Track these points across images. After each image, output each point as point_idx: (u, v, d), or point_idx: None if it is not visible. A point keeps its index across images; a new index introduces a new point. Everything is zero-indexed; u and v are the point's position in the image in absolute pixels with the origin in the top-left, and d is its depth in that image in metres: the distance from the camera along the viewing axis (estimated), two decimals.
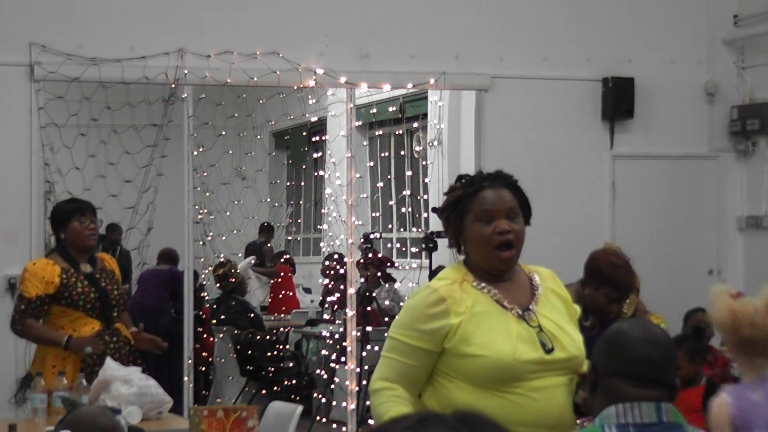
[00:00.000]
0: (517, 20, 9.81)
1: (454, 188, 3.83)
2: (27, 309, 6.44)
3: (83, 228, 6.55)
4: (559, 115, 9.87)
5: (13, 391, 8.04)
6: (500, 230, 3.71)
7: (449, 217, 3.81)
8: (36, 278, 6.45)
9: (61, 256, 6.56)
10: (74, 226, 6.55)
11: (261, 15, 9.22)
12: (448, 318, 3.67)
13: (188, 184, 9.27)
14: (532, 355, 3.64)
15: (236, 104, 11.90)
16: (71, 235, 6.56)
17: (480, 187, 3.76)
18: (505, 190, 3.77)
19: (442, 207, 3.85)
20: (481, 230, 3.73)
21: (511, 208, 3.75)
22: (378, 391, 3.77)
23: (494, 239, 3.71)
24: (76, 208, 6.62)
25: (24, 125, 8.73)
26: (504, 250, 3.72)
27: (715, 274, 10.20)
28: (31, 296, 6.44)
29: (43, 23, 8.77)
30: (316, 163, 13.30)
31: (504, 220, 3.72)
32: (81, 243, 6.58)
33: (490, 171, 3.87)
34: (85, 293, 6.48)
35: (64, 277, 6.47)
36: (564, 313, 3.83)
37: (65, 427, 3.77)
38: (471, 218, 3.75)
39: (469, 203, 3.75)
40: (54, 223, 6.70)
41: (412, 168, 12.95)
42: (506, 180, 3.82)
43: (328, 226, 11.89)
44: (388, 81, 9.57)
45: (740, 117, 10.05)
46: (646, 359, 3.14)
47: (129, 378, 6.12)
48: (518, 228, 3.75)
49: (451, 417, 1.75)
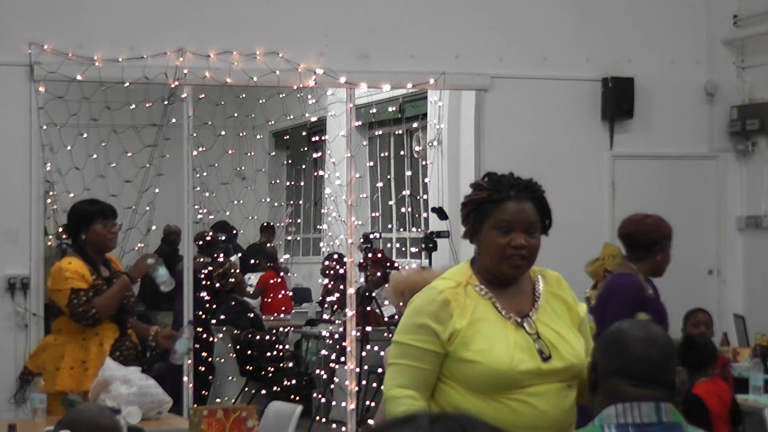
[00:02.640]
0: (517, 20, 9.81)
1: (481, 187, 3.81)
2: (87, 297, 6.33)
3: (107, 231, 6.49)
4: (558, 115, 9.87)
5: (13, 391, 8.04)
6: (516, 245, 3.72)
7: (469, 214, 3.80)
8: (77, 275, 6.39)
9: (81, 257, 6.48)
10: (97, 228, 6.46)
11: (261, 15, 9.22)
12: (452, 320, 3.67)
13: (188, 184, 9.27)
14: (529, 365, 3.64)
15: (236, 104, 11.91)
16: (93, 237, 6.47)
17: (507, 195, 3.75)
18: (529, 204, 3.76)
19: (464, 202, 3.84)
20: (497, 240, 3.73)
21: (531, 223, 3.75)
22: (397, 399, 3.70)
23: (508, 251, 3.72)
24: (100, 210, 6.53)
25: (24, 125, 8.73)
26: (516, 259, 3.73)
27: (715, 274, 10.19)
28: (83, 286, 6.35)
29: (43, 23, 8.77)
30: (315, 163, 13.31)
31: (521, 234, 3.72)
32: (103, 246, 6.52)
33: (521, 177, 3.84)
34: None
35: (94, 278, 6.44)
36: (565, 319, 3.81)
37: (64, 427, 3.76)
38: (490, 224, 3.74)
39: (492, 209, 3.74)
40: (74, 224, 6.58)
41: (412, 168, 12.95)
42: (533, 192, 3.80)
43: (327, 226, 11.89)
44: (387, 81, 9.57)
45: (740, 117, 10.05)
46: (646, 359, 3.14)
47: (129, 378, 6.13)
48: (534, 242, 3.75)
49: (459, 417, 1.76)
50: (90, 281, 6.38)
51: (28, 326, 8.61)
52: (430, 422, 1.72)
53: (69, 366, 6.36)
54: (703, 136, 10.25)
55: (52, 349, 6.49)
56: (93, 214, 6.49)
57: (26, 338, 8.59)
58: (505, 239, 3.72)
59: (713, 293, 10.04)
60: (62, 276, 6.39)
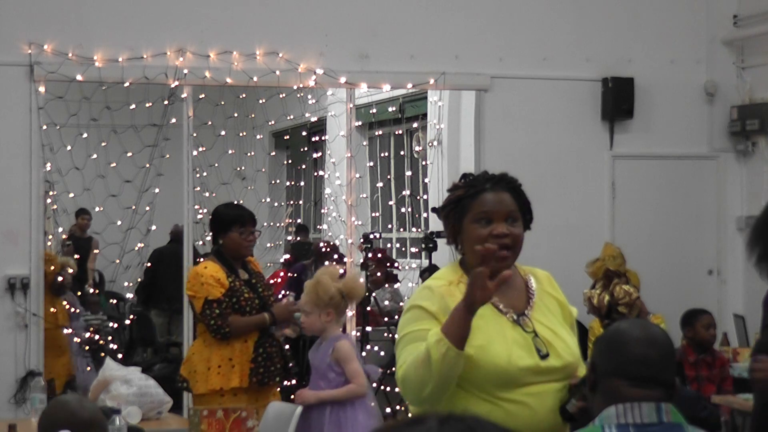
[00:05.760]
0: (517, 20, 9.82)
1: (457, 187, 3.81)
2: (222, 311, 6.41)
3: (242, 239, 6.55)
4: (559, 115, 9.88)
5: (13, 391, 8.04)
6: (497, 233, 3.69)
7: (449, 215, 3.80)
8: (213, 280, 6.43)
9: (220, 261, 6.54)
10: (233, 236, 6.54)
11: (261, 15, 9.22)
12: (448, 313, 3.63)
13: (188, 184, 9.27)
14: (527, 362, 3.63)
15: (236, 104, 11.90)
16: (229, 243, 6.55)
17: (482, 188, 3.75)
18: (507, 194, 3.75)
19: (442, 204, 3.84)
20: (478, 231, 3.71)
21: (510, 211, 3.73)
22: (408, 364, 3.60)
23: (490, 242, 3.69)
24: (238, 217, 6.60)
25: (24, 125, 8.73)
26: (500, 249, 3.70)
27: (715, 274, 10.20)
28: (217, 297, 6.41)
29: (43, 23, 8.77)
30: (316, 163, 13.30)
31: (502, 223, 3.70)
32: (237, 253, 6.58)
33: (495, 173, 3.85)
34: (251, 299, 6.51)
35: (230, 281, 6.47)
36: (559, 317, 3.81)
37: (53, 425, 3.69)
38: (469, 219, 3.73)
39: (469, 204, 3.73)
40: (213, 227, 6.67)
41: (412, 168, 12.94)
42: (509, 183, 3.79)
43: (328, 226, 11.88)
44: (387, 81, 9.58)
45: (740, 117, 10.05)
46: (644, 359, 3.14)
47: (129, 378, 6.13)
48: (516, 232, 3.73)
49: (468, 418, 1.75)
50: (226, 285, 6.44)
51: (28, 326, 8.61)
52: (439, 423, 1.72)
53: (217, 365, 6.43)
54: (703, 136, 10.25)
55: (200, 352, 6.54)
56: (230, 221, 6.57)
57: (26, 338, 8.60)
58: (485, 230, 3.69)
59: (713, 293, 10.04)
60: (198, 281, 6.47)
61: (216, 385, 6.37)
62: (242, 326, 6.46)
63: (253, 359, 6.45)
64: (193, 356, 6.57)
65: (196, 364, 6.49)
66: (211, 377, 6.40)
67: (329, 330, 6.07)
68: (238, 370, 6.39)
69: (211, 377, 6.40)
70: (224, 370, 6.40)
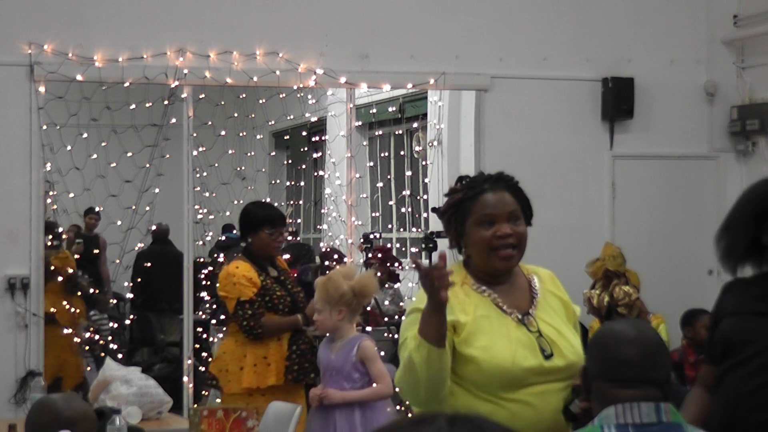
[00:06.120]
0: (517, 20, 9.81)
1: (455, 190, 3.80)
2: (254, 312, 6.46)
3: (271, 240, 6.60)
4: (559, 115, 9.87)
5: (13, 391, 8.04)
6: (501, 234, 3.69)
7: (450, 219, 3.78)
8: (245, 279, 6.47)
9: (250, 260, 6.58)
10: (263, 235, 6.59)
11: (261, 15, 9.22)
12: (453, 315, 3.62)
13: (188, 184, 9.26)
14: (531, 362, 3.62)
15: (236, 104, 11.89)
16: (258, 243, 6.61)
17: (481, 190, 3.74)
18: (507, 193, 3.75)
19: (442, 209, 3.82)
20: (482, 234, 3.70)
21: (512, 211, 3.73)
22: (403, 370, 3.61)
23: (495, 243, 3.69)
24: (268, 217, 6.65)
25: (24, 125, 8.73)
26: (505, 249, 3.70)
27: (715, 274, 10.19)
28: (250, 297, 6.45)
29: (43, 23, 8.77)
30: (316, 163, 13.30)
31: (505, 224, 3.70)
32: (265, 253, 6.63)
33: (491, 172, 3.84)
34: (283, 296, 6.53)
35: (262, 279, 6.49)
36: (563, 317, 3.81)
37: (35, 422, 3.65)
38: (472, 222, 3.72)
39: (470, 206, 3.72)
40: (243, 225, 6.72)
41: (412, 168, 12.94)
42: (507, 182, 3.79)
43: (328, 226, 11.88)
44: (387, 81, 9.57)
45: (740, 117, 10.05)
46: (625, 360, 3.14)
47: (129, 378, 6.14)
48: (520, 230, 3.73)
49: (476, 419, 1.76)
50: (258, 284, 6.49)
51: (28, 326, 8.61)
52: (448, 423, 1.72)
53: (252, 363, 6.46)
54: (703, 136, 10.25)
55: (233, 351, 6.56)
56: (260, 221, 6.62)
57: (26, 338, 8.59)
58: (489, 231, 3.69)
59: (713, 293, 9.97)
60: (230, 281, 6.51)
61: (253, 384, 6.40)
62: (275, 328, 6.52)
63: (288, 357, 6.48)
64: (224, 355, 6.59)
65: (228, 362, 6.51)
66: (246, 376, 6.41)
67: (342, 329, 6.04)
68: (274, 368, 6.43)
69: (246, 376, 6.41)
70: (260, 369, 6.43)
